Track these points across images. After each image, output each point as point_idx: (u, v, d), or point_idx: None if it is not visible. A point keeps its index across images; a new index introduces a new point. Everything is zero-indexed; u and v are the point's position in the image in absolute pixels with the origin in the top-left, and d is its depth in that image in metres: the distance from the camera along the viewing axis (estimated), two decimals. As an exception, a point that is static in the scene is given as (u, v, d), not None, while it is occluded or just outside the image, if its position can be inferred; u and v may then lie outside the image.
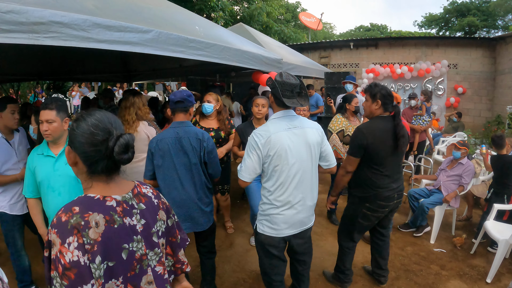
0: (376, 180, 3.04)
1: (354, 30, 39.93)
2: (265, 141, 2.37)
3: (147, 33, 2.82)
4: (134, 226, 1.30)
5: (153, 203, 1.43)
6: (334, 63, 13.39)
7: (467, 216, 5.21)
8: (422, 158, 6.87)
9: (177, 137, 2.74)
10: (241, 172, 2.47)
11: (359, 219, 3.19)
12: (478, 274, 3.72)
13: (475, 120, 11.03)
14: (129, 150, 1.27)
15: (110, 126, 1.27)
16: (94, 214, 1.19)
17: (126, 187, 1.37)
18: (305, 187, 2.52)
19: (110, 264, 1.20)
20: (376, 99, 3.05)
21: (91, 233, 1.15)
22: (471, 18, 22.25)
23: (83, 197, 1.26)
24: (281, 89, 2.42)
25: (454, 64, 11.16)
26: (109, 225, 1.21)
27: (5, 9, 1.92)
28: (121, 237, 1.24)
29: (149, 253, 1.34)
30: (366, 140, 2.94)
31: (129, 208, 1.31)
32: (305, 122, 2.56)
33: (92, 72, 7.74)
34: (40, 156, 2.56)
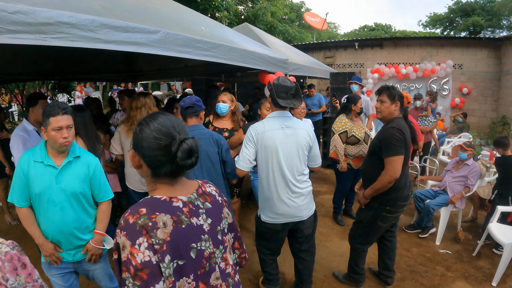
0: (398, 182, 3.00)
1: (359, 30, 39.86)
2: (259, 136, 2.73)
3: (154, 33, 2.81)
4: (201, 225, 1.32)
5: (217, 201, 1.46)
6: (339, 63, 13.37)
7: (473, 217, 5.19)
8: (427, 159, 6.83)
9: None
10: (239, 161, 2.80)
11: (378, 222, 3.17)
12: (483, 275, 3.71)
13: (480, 121, 10.98)
14: (192, 155, 1.27)
15: (173, 130, 1.27)
16: (161, 214, 1.21)
17: (191, 187, 1.39)
18: (292, 182, 2.79)
19: (180, 263, 1.22)
20: (395, 100, 3.08)
21: (159, 233, 1.17)
22: (475, 17, 22.17)
23: (149, 198, 1.28)
24: (277, 91, 2.74)
25: (459, 65, 11.12)
26: (177, 225, 1.23)
27: (12, 9, 1.91)
28: (189, 236, 1.26)
29: (216, 251, 1.36)
30: (405, 136, 2.95)
31: (195, 208, 1.33)
32: (297, 124, 2.84)
33: (97, 72, 7.74)
34: (38, 164, 2.27)
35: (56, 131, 2.21)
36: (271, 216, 2.86)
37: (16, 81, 8.04)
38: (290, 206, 2.80)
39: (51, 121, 2.20)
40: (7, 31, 1.92)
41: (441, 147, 8.38)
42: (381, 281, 3.55)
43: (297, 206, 2.82)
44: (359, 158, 4.62)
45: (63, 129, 2.22)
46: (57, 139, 2.21)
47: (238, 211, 4.64)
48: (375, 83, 12.14)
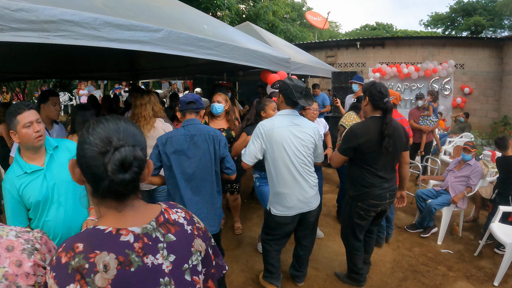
0: (368, 179, 3.07)
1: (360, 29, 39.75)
2: (269, 132, 2.86)
3: (157, 32, 2.80)
4: (160, 266, 1.01)
5: (185, 232, 1.13)
6: (340, 62, 13.34)
7: (474, 217, 5.18)
8: (429, 158, 6.82)
9: (190, 135, 2.67)
10: (245, 155, 2.96)
11: (355, 219, 3.23)
12: (485, 275, 3.71)
13: (482, 121, 10.96)
14: (127, 169, 0.96)
15: (115, 134, 0.98)
16: (102, 253, 0.92)
17: (148, 214, 1.08)
18: (298, 177, 2.93)
19: None
20: (365, 95, 3.11)
21: (97, 280, 0.89)
22: (477, 17, 22.10)
23: (90, 229, 0.99)
24: (294, 90, 2.87)
25: (461, 64, 11.10)
26: (123, 268, 0.93)
27: (15, 7, 1.89)
28: (141, 283, 0.96)
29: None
30: (358, 140, 2.96)
31: (152, 242, 1.02)
32: (305, 122, 2.99)
33: (99, 71, 7.75)
34: (23, 177, 2.15)
35: (27, 127, 2.10)
36: (281, 209, 2.99)
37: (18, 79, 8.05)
38: (300, 199, 2.95)
39: (18, 119, 2.10)
40: (9, 29, 1.90)
41: (442, 147, 8.37)
42: None
43: (306, 198, 2.98)
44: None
45: (34, 123, 2.12)
46: (29, 136, 2.11)
47: (239, 208, 4.65)
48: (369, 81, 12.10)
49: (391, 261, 3.96)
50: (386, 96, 3.00)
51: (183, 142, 2.64)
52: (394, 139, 2.97)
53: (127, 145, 0.96)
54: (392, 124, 2.96)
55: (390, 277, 3.65)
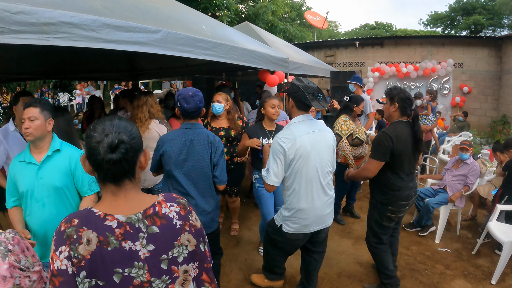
0: (396, 183, 3.09)
1: (359, 29, 39.77)
2: (291, 145, 2.52)
3: (156, 33, 2.84)
4: (136, 251, 1.17)
5: (172, 226, 1.25)
6: (339, 61, 13.38)
7: (472, 215, 5.20)
8: (427, 157, 6.85)
9: (189, 139, 2.68)
10: (270, 177, 2.59)
11: (383, 222, 3.22)
12: (482, 274, 3.73)
13: (481, 120, 11.00)
14: (115, 150, 1.15)
15: (110, 128, 1.18)
16: (88, 231, 1.13)
17: (138, 205, 1.24)
18: (324, 185, 2.69)
19: (100, 283, 1.13)
20: (394, 101, 3.10)
21: (80, 249, 1.11)
22: (476, 16, 22.09)
23: (87, 210, 1.20)
24: (306, 92, 2.55)
25: (459, 63, 11.13)
26: (102, 245, 1.13)
27: (15, 10, 1.93)
28: (114, 260, 1.14)
29: (154, 281, 1.20)
30: (393, 143, 2.97)
31: (134, 231, 1.18)
32: (322, 126, 2.75)
33: (98, 71, 7.79)
34: (21, 164, 2.34)
35: (22, 122, 2.30)
36: (294, 227, 2.72)
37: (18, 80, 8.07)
38: (318, 215, 2.71)
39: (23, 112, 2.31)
40: (10, 31, 1.94)
41: (441, 146, 8.39)
42: None
43: (326, 214, 2.77)
44: (360, 158, 4.65)
45: (26, 120, 2.27)
46: (22, 130, 2.32)
47: (237, 210, 4.65)
48: (376, 82, 12.16)
49: (388, 260, 3.97)
50: (413, 103, 3.15)
51: (183, 146, 2.67)
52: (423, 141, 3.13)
53: (114, 132, 1.17)
54: (421, 129, 3.12)
55: (387, 276, 3.66)
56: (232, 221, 4.75)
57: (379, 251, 3.32)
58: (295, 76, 6.41)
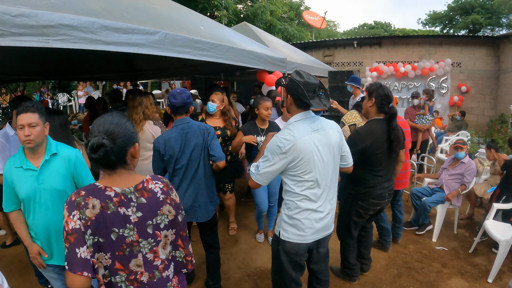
0: (369, 179, 3.12)
1: (358, 28, 39.85)
2: (290, 147, 2.24)
3: (154, 34, 2.87)
4: (128, 216, 1.51)
5: (156, 198, 1.59)
6: (338, 61, 13.40)
7: (469, 214, 5.24)
8: (425, 157, 6.88)
9: (184, 133, 2.89)
10: (259, 176, 2.36)
11: (353, 217, 3.28)
12: (479, 272, 3.76)
13: (479, 119, 11.01)
14: (96, 151, 1.43)
15: (101, 127, 1.47)
16: (93, 199, 1.45)
17: (131, 181, 1.57)
18: (329, 189, 2.45)
19: (101, 240, 1.45)
20: (372, 97, 3.10)
21: (87, 212, 1.42)
22: (475, 16, 22.16)
23: (91, 185, 1.52)
24: (306, 90, 2.27)
25: (457, 63, 11.14)
26: (103, 210, 1.45)
27: (15, 12, 1.96)
28: (112, 222, 1.46)
29: (141, 241, 1.54)
30: (364, 143, 2.98)
31: (127, 200, 1.51)
32: (325, 123, 2.45)
33: (97, 72, 7.80)
34: (18, 170, 2.27)
35: (20, 129, 2.19)
36: (299, 234, 2.41)
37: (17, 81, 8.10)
38: (324, 220, 2.45)
39: (17, 119, 2.20)
40: (10, 34, 1.97)
41: (439, 145, 8.42)
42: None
43: (329, 219, 2.49)
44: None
45: (25, 127, 2.18)
46: (20, 137, 2.20)
47: (233, 207, 4.70)
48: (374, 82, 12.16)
49: (385, 258, 4.02)
50: (391, 100, 3.06)
51: (180, 142, 2.86)
52: (400, 142, 3.08)
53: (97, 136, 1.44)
54: (398, 128, 3.06)
55: (384, 274, 3.71)
56: (229, 220, 4.79)
57: (346, 245, 3.50)
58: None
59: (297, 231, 2.40)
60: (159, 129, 3.72)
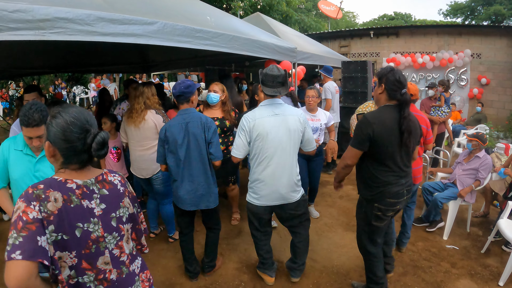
0: (382, 177, 2.72)
1: (378, 19, 39.16)
2: (252, 125, 2.87)
3: (152, 24, 2.89)
4: (92, 209, 1.45)
5: (117, 190, 1.57)
6: (354, 52, 13.19)
7: (484, 212, 5.05)
8: (440, 150, 6.68)
9: (185, 122, 3.01)
10: (234, 150, 2.98)
11: (372, 222, 2.87)
12: (490, 274, 3.59)
13: (499, 113, 10.64)
14: (105, 147, 1.44)
15: (87, 123, 1.43)
16: (54, 192, 1.36)
17: (91, 174, 1.52)
18: (283, 166, 2.93)
19: (65, 238, 1.36)
20: (381, 82, 2.73)
21: (49, 206, 1.33)
22: (497, 6, 21.54)
23: (49, 178, 1.43)
24: (264, 80, 2.95)
25: (477, 54, 10.78)
26: (66, 203, 1.37)
27: (11, 8, 2.04)
28: (77, 216, 1.39)
29: (107, 236, 1.49)
30: (373, 130, 2.59)
31: (89, 192, 1.46)
32: (287, 110, 2.96)
33: (109, 64, 7.85)
34: (17, 152, 2.40)
35: (28, 138, 2.32)
36: (255, 197, 3.04)
37: (31, 74, 8.20)
38: (273, 190, 2.95)
39: (23, 128, 2.28)
40: (7, 29, 2.05)
41: (456, 138, 8.18)
42: None
43: (281, 191, 2.97)
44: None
45: (33, 139, 2.31)
46: (29, 143, 2.35)
47: (236, 198, 4.71)
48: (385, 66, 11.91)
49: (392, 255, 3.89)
50: (404, 86, 2.68)
51: (179, 130, 3.01)
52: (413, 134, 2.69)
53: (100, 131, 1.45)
54: (410, 118, 2.67)
55: (389, 272, 3.60)
56: (232, 210, 4.79)
57: (371, 256, 3.03)
58: (304, 65, 6.42)
59: (255, 195, 3.04)
60: (161, 117, 3.74)
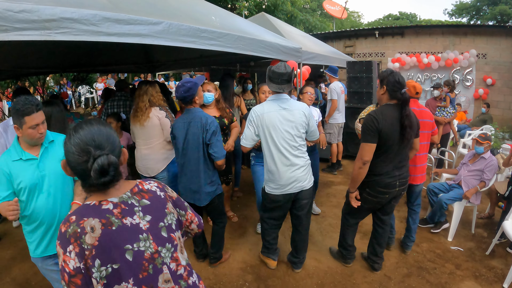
0: (378, 167, 3.10)
1: (383, 19, 39.07)
2: (259, 117, 3.09)
3: (157, 24, 2.88)
4: (137, 224, 1.29)
5: (158, 197, 1.41)
6: (359, 52, 13.14)
7: (489, 213, 5.02)
8: (445, 151, 6.65)
9: (187, 122, 3.16)
10: (243, 140, 3.21)
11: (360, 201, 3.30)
12: (495, 276, 3.56)
13: (505, 113, 10.54)
14: (106, 174, 1.23)
15: (92, 144, 1.23)
16: (89, 219, 1.21)
17: (125, 187, 1.36)
18: (293, 156, 3.13)
19: (115, 267, 1.20)
20: (383, 84, 3.11)
21: (87, 239, 1.18)
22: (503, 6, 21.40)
23: (81, 206, 1.28)
24: (270, 76, 3.17)
25: (483, 54, 10.70)
26: (106, 228, 1.22)
27: (17, 8, 2.03)
28: (122, 238, 1.24)
29: (161, 250, 1.32)
30: (379, 124, 2.96)
31: (129, 207, 1.30)
32: (294, 105, 3.15)
33: (115, 64, 7.87)
34: (18, 162, 2.30)
35: (33, 129, 2.25)
36: (274, 187, 3.20)
37: (37, 74, 8.24)
38: (290, 178, 3.14)
39: (26, 120, 2.22)
40: (13, 29, 2.04)
41: (462, 139, 8.14)
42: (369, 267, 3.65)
43: (297, 178, 3.16)
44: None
45: (39, 125, 2.27)
46: (34, 136, 2.27)
47: (227, 199, 4.79)
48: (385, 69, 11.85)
49: (396, 256, 3.90)
50: (404, 86, 3.06)
51: (182, 129, 3.18)
52: (412, 128, 3.06)
53: (102, 154, 1.22)
54: (410, 115, 3.05)
55: (393, 273, 3.59)
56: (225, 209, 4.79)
57: (346, 223, 3.57)
58: (309, 66, 6.42)
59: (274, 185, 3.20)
60: (165, 113, 3.77)
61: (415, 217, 3.94)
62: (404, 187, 3.25)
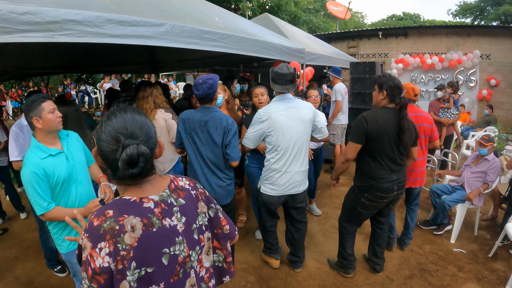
0: (375, 171, 3.10)
1: (386, 20, 38.97)
2: (267, 119, 3.07)
3: (160, 26, 2.89)
4: (175, 226, 1.21)
5: (191, 195, 1.33)
6: (362, 53, 13.11)
7: (492, 215, 5.01)
8: (448, 153, 6.64)
9: (204, 119, 2.95)
10: (246, 141, 3.19)
11: (358, 207, 3.29)
12: (497, 278, 3.55)
13: (508, 115, 10.49)
14: (135, 165, 1.12)
15: (123, 132, 1.14)
16: (130, 217, 1.12)
17: (162, 184, 1.27)
18: (298, 155, 3.17)
19: (149, 270, 1.12)
20: (382, 89, 3.09)
21: (126, 238, 1.09)
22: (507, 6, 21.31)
23: (118, 199, 1.18)
24: (274, 77, 3.17)
25: (487, 55, 10.65)
26: (147, 228, 1.13)
27: (21, 11, 2.04)
28: (161, 241, 1.16)
29: (192, 254, 1.26)
30: (368, 126, 2.97)
31: (168, 207, 1.22)
32: (300, 104, 3.19)
33: (118, 64, 7.89)
34: (48, 159, 2.30)
35: (52, 113, 2.33)
36: (271, 188, 3.24)
37: (41, 74, 8.27)
38: (291, 180, 3.20)
39: (44, 106, 2.31)
40: (17, 31, 2.05)
41: (465, 141, 8.12)
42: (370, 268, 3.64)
43: (296, 181, 3.22)
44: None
45: (55, 109, 2.37)
46: (54, 120, 2.34)
47: (242, 202, 4.78)
48: (400, 74, 11.85)
49: (398, 258, 3.89)
50: (402, 90, 3.10)
51: (196, 126, 2.96)
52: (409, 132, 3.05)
53: (132, 143, 1.12)
54: (407, 119, 3.05)
55: (395, 274, 3.59)
56: (238, 212, 4.80)
57: (345, 231, 3.50)
58: (312, 66, 6.43)
59: (272, 186, 3.24)
60: (171, 115, 3.78)
61: (413, 215, 4.04)
62: (401, 191, 3.26)
